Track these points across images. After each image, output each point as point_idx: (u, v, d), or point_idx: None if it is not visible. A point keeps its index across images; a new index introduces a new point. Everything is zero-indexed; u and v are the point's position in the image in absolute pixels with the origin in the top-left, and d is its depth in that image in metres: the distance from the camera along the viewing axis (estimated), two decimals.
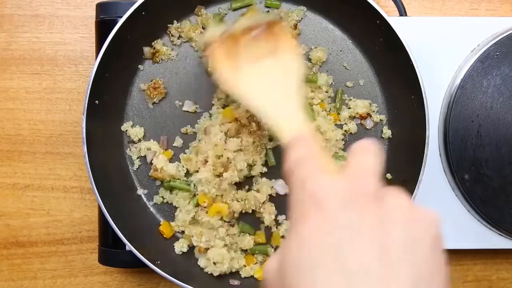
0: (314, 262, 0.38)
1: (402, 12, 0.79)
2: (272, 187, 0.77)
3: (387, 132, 0.78)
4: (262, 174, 0.77)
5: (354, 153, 0.46)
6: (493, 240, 0.80)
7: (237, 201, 0.75)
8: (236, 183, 0.75)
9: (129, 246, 0.71)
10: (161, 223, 0.78)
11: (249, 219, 0.77)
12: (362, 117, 0.79)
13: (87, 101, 0.71)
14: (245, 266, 0.77)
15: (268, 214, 0.76)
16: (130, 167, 0.79)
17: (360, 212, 0.40)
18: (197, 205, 0.76)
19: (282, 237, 0.77)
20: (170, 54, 0.78)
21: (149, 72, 0.79)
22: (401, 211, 0.40)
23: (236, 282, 0.76)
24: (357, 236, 0.38)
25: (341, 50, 0.79)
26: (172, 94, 0.79)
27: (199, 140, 0.77)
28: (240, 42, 0.61)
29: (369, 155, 0.45)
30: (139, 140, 0.78)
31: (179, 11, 0.78)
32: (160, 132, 0.79)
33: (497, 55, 0.77)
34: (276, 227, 0.78)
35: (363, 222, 0.39)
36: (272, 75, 0.60)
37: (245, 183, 0.77)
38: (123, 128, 0.78)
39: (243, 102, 0.59)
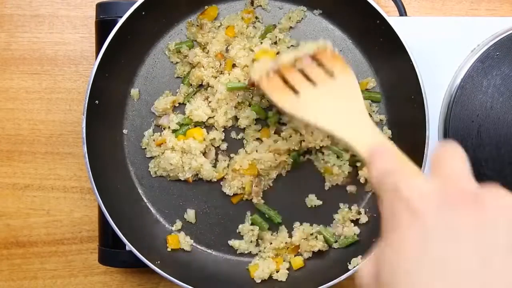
0: (413, 268, 0.37)
1: (402, 12, 0.79)
2: None
3: (387, 132, 0.78)
4: None
5: (440, 157, 0.44)
6: None
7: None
8: None
9: (129, 246, 0.71)
10: (171, 234, 0.78)
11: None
12: None
13: (87, 101, 0.71)
14: (277, 272, 0.77)
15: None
16: (130, 167, 0.79)
17: (459, 214, 0.38)
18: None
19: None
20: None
21: (149, 72, 0.79)
22: (505, 212, 0.38)
23: None
24: (457, 241, 0.37)
25: (341, 50, 0.79)
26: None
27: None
28: (291, 73, 0.62)
29: (457, 158, 0.43)
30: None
31: (179, 11, 0.78)
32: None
33: (497, 55, 0.77)
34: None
35: (463, 225, 0.37)
36: (333, 96, 0.60)
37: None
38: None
39: (313, 126, 0.60)
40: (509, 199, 0.39)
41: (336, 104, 0.60)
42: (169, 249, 0.77)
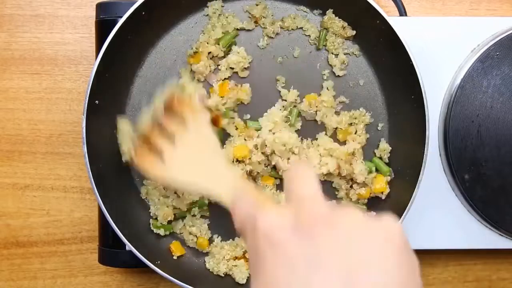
0: None
1: (402, 12, 0.79)
2: None
3: (386, 132, 0.78)
4: None
5: (291, 180, 0.45)
6: (493, 240, 0.80)
7: None
8: None
9: (129, 246, 0.71)
10: (171, 243, 0.78)
11: None
12: None
13: (87, 101, 0.71)
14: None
15: None
16: (130, 167, 0.79)
17: (314, 238, 0.38)
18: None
19: None
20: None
21: (149, 73, 0.79)
22: (357, 229, 0.38)
23: None
24: (317, 265, 0.37)
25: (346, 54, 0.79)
26: None
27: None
28: (152, 136, 0.66)
29: (306, 179, 0.44)
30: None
31: (179, 11, 0.78)
32: None
33: (497, 55, 0.77)
34: None
35: (320, 248, 0.37)
36: (190, 151, 0.64)
37: None
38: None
39: (179, 188, 0.64)
40: (359, 215, 0.39)
41: (194, 157, 0.63)
42: (174, 257, 0.77)
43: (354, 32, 0.77)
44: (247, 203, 0.48)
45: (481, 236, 0.80)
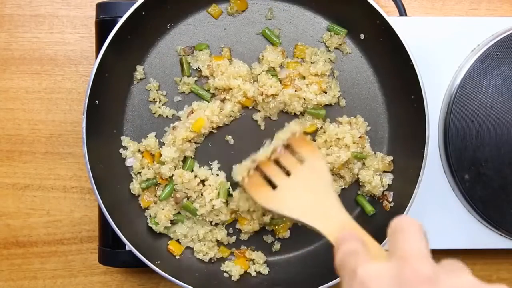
0: None
1: (402, 12, 0.79)
2: None
3: (386, 132, 0.78)
4: None
5: (397, 233, 0.44)
6: (493, 240, 0.80)
7: None
8: None
9: (129, 246, 0.71)
10: (169, 242, 0.78)
11: None
12: None
13: (87, 101, 0.71)
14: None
15: None
16: (130, 167, 0.79)
17: None
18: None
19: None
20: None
21: (149, 73, 0.79)
22: None
23: None
24: None
25: (341, 51, 0.79)
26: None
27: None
28: (267, 167, 0.68)
29: (415, 236, 0.44)
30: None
31: (179, 11, 0.78)
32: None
33: (497, 55, 0.77)
34: None
35: None
36: (304, 184, 0.66)
37: None
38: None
39: (287, 217, 0.66)
40: (464, 279, 0.40)
41: (307, 190, 0.65)
42: (177, 257, 0.77)
43: (392, 167, 0.78)
44: (354, 244, 0.49)
45: (481, 236, 0.80)
